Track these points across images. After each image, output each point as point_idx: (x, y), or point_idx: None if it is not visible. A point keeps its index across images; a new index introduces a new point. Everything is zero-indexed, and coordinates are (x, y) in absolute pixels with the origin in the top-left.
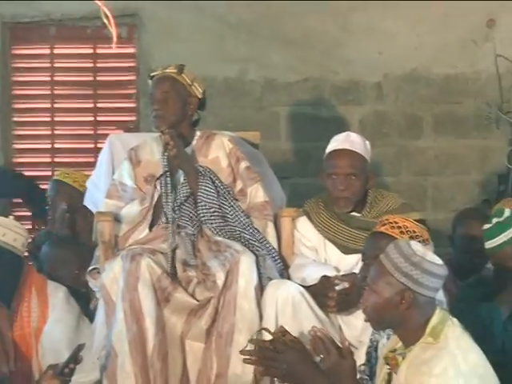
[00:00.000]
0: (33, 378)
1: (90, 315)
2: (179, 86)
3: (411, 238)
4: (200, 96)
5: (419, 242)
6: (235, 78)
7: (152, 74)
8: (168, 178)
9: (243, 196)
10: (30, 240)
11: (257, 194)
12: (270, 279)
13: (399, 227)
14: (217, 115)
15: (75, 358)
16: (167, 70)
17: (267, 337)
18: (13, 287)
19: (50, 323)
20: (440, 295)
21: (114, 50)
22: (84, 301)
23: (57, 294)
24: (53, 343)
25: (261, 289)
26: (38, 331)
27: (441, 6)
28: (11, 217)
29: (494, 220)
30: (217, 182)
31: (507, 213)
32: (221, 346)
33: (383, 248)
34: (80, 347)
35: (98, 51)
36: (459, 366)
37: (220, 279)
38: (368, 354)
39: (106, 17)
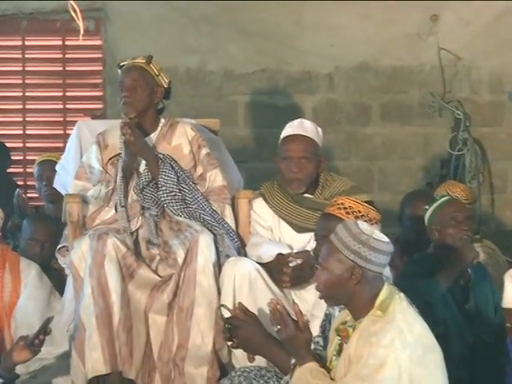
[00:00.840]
0: (4, 350)
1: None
2: (147, 76)
3: (357, 217)
4: (166, 86)
5: (365, 221)
6: (196, 69)
7: (122, 64)
8: (120, 162)
9: (203, 180)
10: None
11: (216, 178)
12: (228, 257)
13: (345, 208)
14: (179, 103)
15: (45, 330)
16: (136, 61)
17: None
18: None
19: (22, 299)
20: (387, 271)
21: (82, 42)
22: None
23: (29, 271)
24: (25, 318)
25: (219, 266)
26: (11, 306)
27: (388, 2)
28: None
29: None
30: (176, 167)
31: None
32: (181, 319)
33: (332, 228)
34: (49, 319)
35: (67, 43)
36: (405, 338)
37: (180, 257)
38: (322, 326)
39: (74, 11)
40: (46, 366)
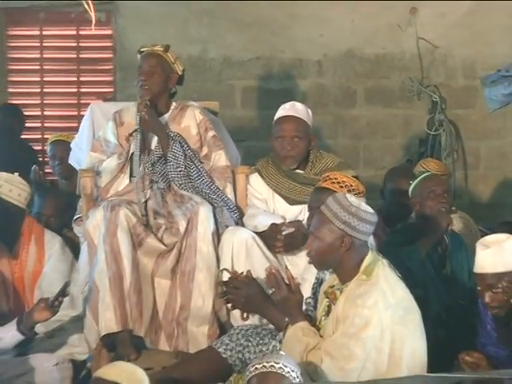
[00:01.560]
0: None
1: None
2: (164, 63)
3: (349, 191)
4: (180, 73)
5: (355, 194)
6: (197, 56)
7: (141, 50)
8: (138, 135)
9: (207, 160)
10: None
11: (220, 158)
12: (227, 227)
13: (338, 182)
14: (182, 87)
15: (63, 293)
16: (155, 48)
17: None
18: (16, 235)
19: (46, 270)
20: (370, 239)
21: (94, 32)
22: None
23: (54, 244)
24: (49, 288)
25: (218, 235)
26: (35, 275)
27: None
28: (16, 173)
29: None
30: (185, 146)
31: None
32: (184, 283)
33: (325, 200)
34: (67, 283)
35: (81, 33)
36: (388, 300)
37: (182, 226)
38: (314, 288)
39: (87, 3)
40: (63, 327)
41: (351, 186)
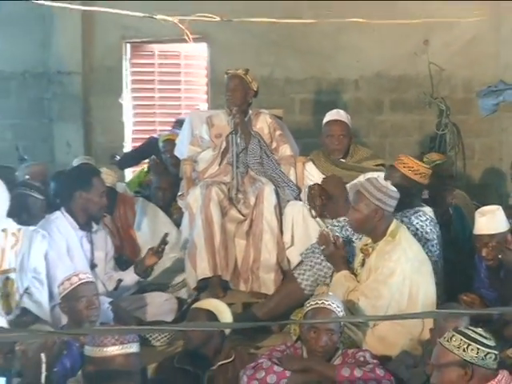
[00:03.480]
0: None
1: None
2: (244, 82)
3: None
4: (255, 89)
5: (417, 174)
6: (267, 77)
7: (228, 72)
8: (234, 137)
9: (276, 152)
10: None
11: (286, 150)
12: (288, 201)
13: (409, 167)
14: (256, 99)
15: (164, 242)
16: (238, 71)
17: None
18: (113, 205)
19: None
20: None
21: (194, 61)
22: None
23: (143, 209)
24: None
25: (280, 207)
26: (125, 228)
27: (396, 31)
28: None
29: None
30: (261, 141)
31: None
32: (255, 242)
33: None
34: (166, 235)
35: (182, 61)
36: (407, 255)
37: (252, 201)
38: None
39: (188, 38)
40: (166, 268)
41: (418, 169)
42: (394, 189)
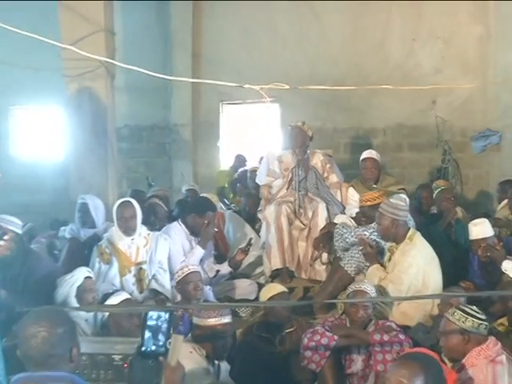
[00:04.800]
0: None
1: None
2: (303, 132)
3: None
4: (311, 136)
5: (369, 200)
6: (319, 127)
7: (291, 125)
8: (297, 169)
9: (327, 179)
10: None
11: (333, 178)
12: (336, 215)
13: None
14: (312, 143)
15: (249, 244)
16: (298, 123)
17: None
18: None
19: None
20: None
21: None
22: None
23: (230, 218)
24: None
25: (330, 219)
26: (220, 235)
27: (412, 94)
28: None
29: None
30: (316, 172)
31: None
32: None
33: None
34: (251, 239)
35: (260, 120)
36: (421, 253)
37: (310, 215)
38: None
39: (266, 100)
40: (250, 262)
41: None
42: (402, 203)
